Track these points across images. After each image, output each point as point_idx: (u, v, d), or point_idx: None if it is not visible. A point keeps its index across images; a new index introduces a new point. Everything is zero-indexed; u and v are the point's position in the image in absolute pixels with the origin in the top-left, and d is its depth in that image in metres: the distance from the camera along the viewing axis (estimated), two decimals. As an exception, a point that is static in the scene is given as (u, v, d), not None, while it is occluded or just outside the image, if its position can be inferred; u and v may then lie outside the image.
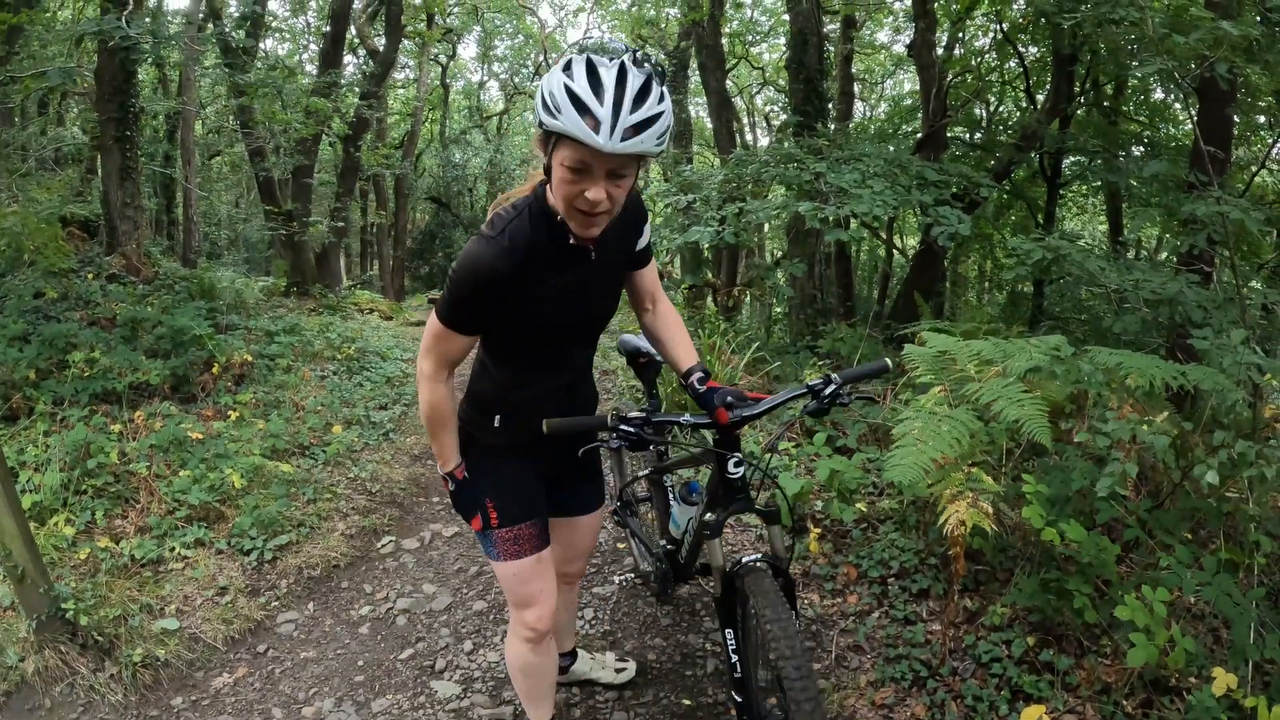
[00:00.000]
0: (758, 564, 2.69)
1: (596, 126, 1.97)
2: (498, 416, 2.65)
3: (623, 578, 4.77)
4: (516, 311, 2.37)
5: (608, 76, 1.99)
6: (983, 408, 3.48)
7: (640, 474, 4.28)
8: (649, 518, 4.35)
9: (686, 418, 2.57)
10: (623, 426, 2.44)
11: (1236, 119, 8.98)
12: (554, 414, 2.47)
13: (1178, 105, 9.40)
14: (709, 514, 2.86)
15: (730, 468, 2.64)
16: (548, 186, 2.28)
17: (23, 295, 7.37)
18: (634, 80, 1.99)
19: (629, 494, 4.48)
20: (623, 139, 1.97)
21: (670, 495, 3.80)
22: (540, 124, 2.11)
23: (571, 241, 2.33)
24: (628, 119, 1.96)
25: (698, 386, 2.63)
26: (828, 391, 2.63)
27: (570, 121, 1.99)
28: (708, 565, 2.89)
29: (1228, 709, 2.81)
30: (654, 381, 3.62)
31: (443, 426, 2.63)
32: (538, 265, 2.32)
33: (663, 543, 3.77)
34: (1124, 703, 3.19)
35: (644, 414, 2.48)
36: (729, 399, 2.53)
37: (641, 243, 2.65)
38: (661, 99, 2.05)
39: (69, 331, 6.77)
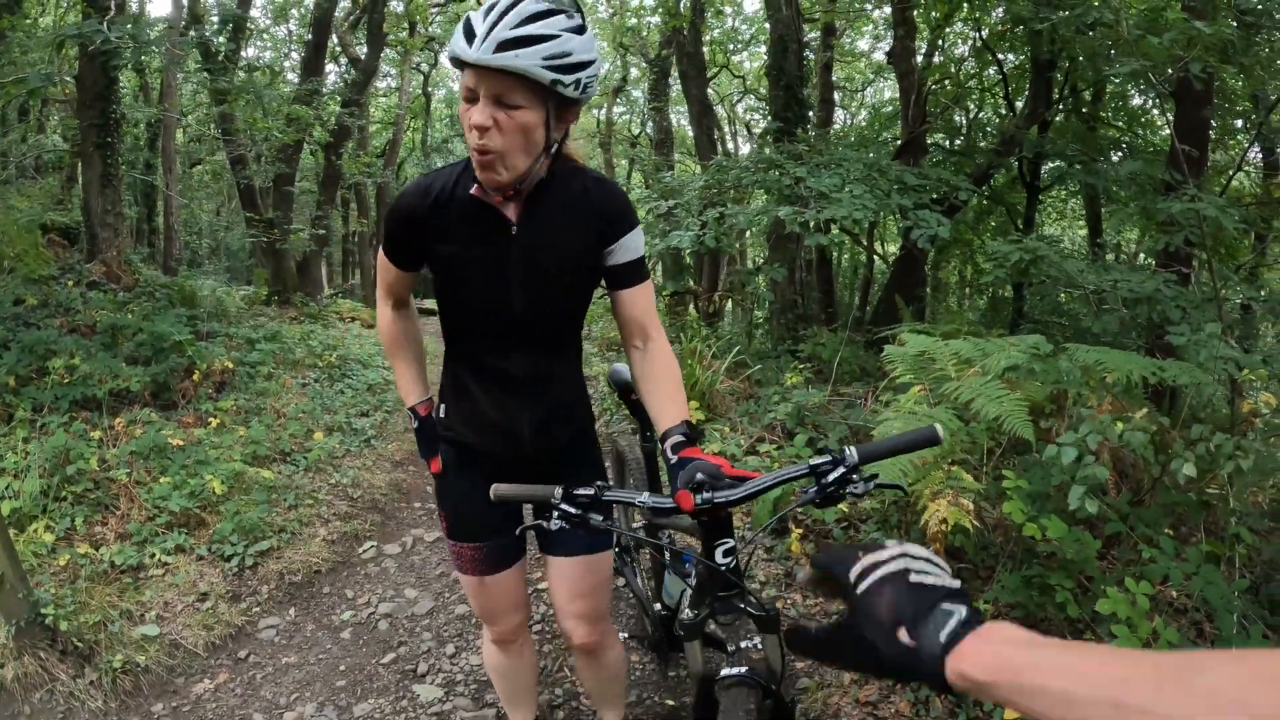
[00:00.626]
0: (744, 678, 2.18)
1: (472, 39, 1.87)
2: (443, 405, 2.51)
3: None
4: (438, 270, 2.28)
5: (502, 3, 1.89)
6: (962, 406, 3.50)
7: (631, 529, 3.87)
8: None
9: (645, 498, 1.99)
10: (564, 506, 1.95)
11: (1214, 122, 9.08)
12: (495, 421, 2.37)
13: (1155, 110, 9.47)
14: (688, 610, 2.24)
15: (718, 556, 2.03)
16: None
17: (2, 302, 7.33)
18: (528, 6, 1.87)
19: (628, 541, 3.88)
20: (494, 50, 1.83)
21: (665, 558, 3.26)
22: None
23: (483, 196, 2.14)
24: (505, 32, 1.83)
25: (670, 455, 2.12)
26: (833, 476, 1.87)
27: (454, 42, 1.91)
28: (711, 637, 2.41)
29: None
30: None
31: (393, 355, 2.58)
32: (451, 217, 2.19)
33: (657, 606, 3.34)
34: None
35: (595, 491, 1.98)
36: (699, 477, 1.94)
37: (619, 254, 2.28)
38: (558, 26, 1.89)
39: (49, 338, 6.74)
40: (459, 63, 1.91)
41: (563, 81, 1.89)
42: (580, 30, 1.92)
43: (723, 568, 2.03)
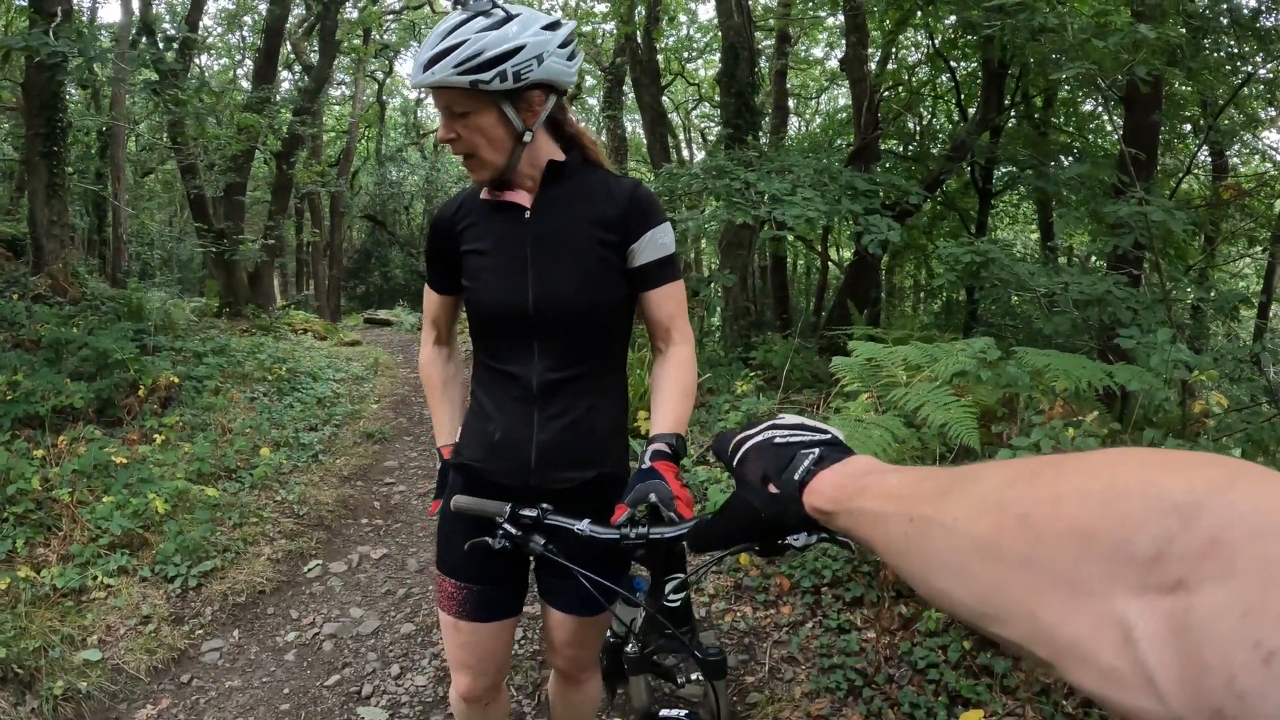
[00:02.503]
0: None
1: (420, 67, 2.02)
2: (461, 428, 2.40)
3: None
4: (465, 276, 2.25)
5: (436, 28, 2.03)
6: (911, 413, 3.48)
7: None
8: None
9: (584, 525, 1.89)
10: (506, 525, 1.94)
11: (1163, 126, 9.19)
12: (500, 442, 2.22)
13: (1105, 116, 9.59)
14: (632, 644, 2.14)
15: (667, 590, 1.94)
16: None
17: (-57, 317, 7.18)
18: (448, 21, 2.00)
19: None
20: (423, 71, 1.98)
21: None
22: None
23: (484, 196, 2.23)
24: (427, 53, 1.98)
25: (645, 461, 2.05)
26: None
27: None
28: (660, 666, 2.42)
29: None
30: None
31: (429, 393, 2.54)
32: (476, 214, 2.25)
33: (607, 634, 2.99)
34: (1063, 703, 3.21)
35: (538, 513, 1.94)
36: (651, 498, 1.91)
37: (643, 252, 2.19)
38: (471, 30, 1.96)
39: (-10, 354, 6.60)
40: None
41: (482, 80, 1.94)
42: (498, 25, 1.96)
43: (671, 605, 1.94)
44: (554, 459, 2.20)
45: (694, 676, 2.27)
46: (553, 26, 2.05)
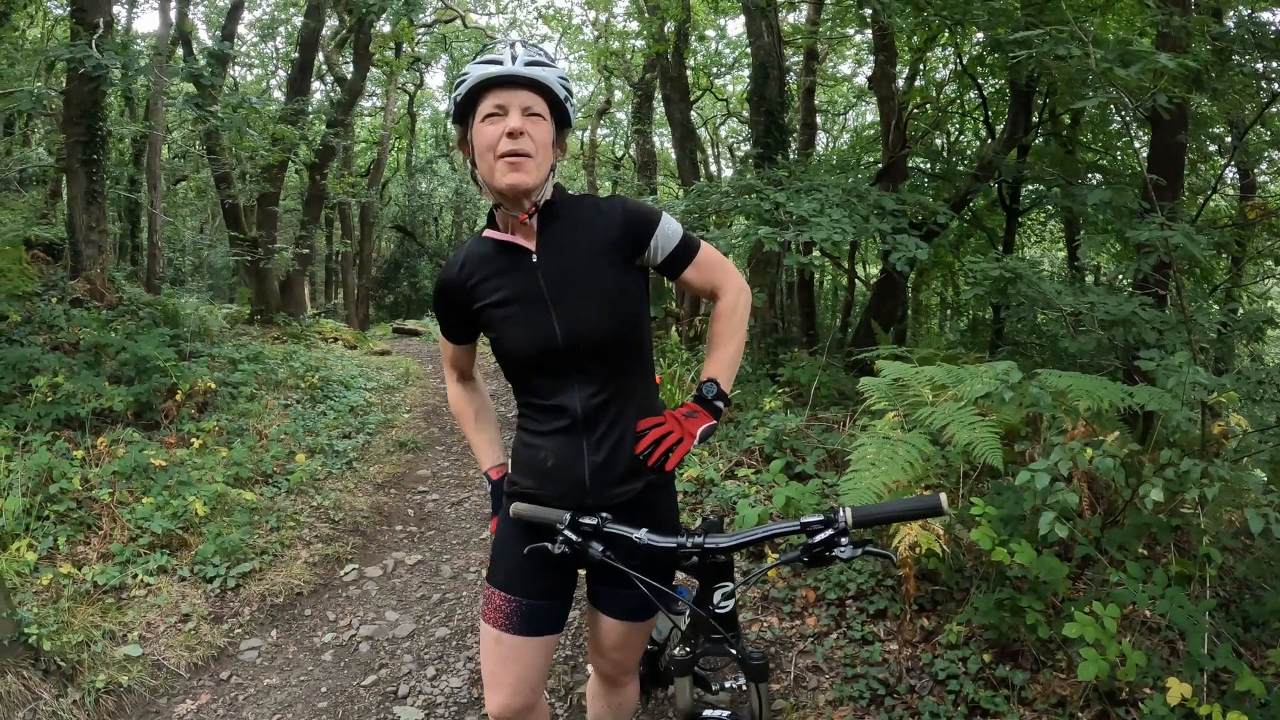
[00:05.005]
0: None
1: (501, 64, 2.14)
2: (511, 459, 2.48)
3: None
4: (487, 328, 2.35)
5: (517, 41, 2.20)
6: (936, 432, 3.56)
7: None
8: None
9: (642, 534, 2.03)
10: (566, 532, 2.05)
11: (1191, 144, 9.20)
12: (554, 468, 2.29)
13: (1131, 135, 9.61)
14: (680, 647, 2.30)
15: (716, 598, 2.09)
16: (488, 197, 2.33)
17: (-15, 318, 7.34)
18: (522, 48, 2.18)
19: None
20: (525, 64, 2.13)
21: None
22: (455, 121, 2.27)
23: (498, 235, 2.29)
24: (530, 55, 2.15)
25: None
26: (820, 537, 1.90)
27: (477, 69, 2.15)
28: (696, 675, 2.51)
29: (1183, 718, 2.88)
30: None
31: (463, 425, 2.68)
32: (484, 271, 2.31)
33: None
34: (1079, 715, 3.27)
35: (598, 521, 2.07)
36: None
37: (659, 250, 2.31)
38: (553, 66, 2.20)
39: (32, 355, 6.75)
40: (483, 87, 2.15)
41: (570, 99, 2.23)
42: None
43: (718, 611, 2.08)
44: (606, 477, 2.28)
45: (726, 684, 2.35)
46: None
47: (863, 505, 1.98)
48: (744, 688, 2.25)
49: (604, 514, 2.08)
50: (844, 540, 1.87)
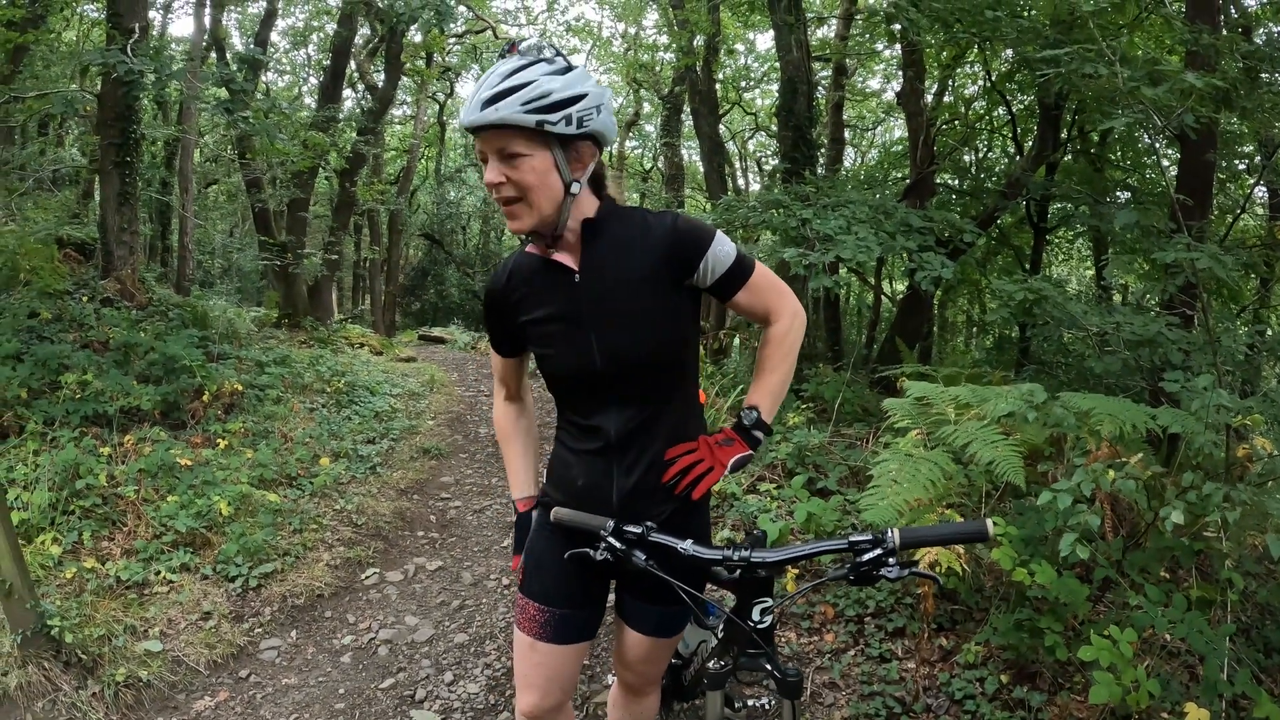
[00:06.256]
0: None
1: (469, 108, 2.02)
2: (547, 469, 2.48)
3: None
4: (530, 342, 2.33)
5: (490, 71, 2.03)
6: (959, 450, 3.55)
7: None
8: None
9: (687, 545, 2.05)
10: (609, 539, 2.05)
11: (1221, 163, 9.14)
12: (584, 488, 2.29)
13: (1160, 153, 9.56)
14: (714, 660, 2.29)
15: (755, 613, 2.08)
16: None
17: (17, 314, 7.40)
18: (507, 64, 2.01)
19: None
20: (480, 109, 1.97)
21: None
22: None
23: (538, 251, 2.23)
24: (486, 92, 1.97)
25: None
26: (868, 556, 1.91)
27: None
28: None
29: (1199, 744, 2.86)
30: None
31: (503, 445, 2.62)
32: (526, 285, 2.27)
33: None
34: (1094, 738, 3.25)
35: (642, 530, 2.08)
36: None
37: (710, 271, 2.21)
38: (537, 72, 1.99)
39: (62, 353, 6.82)
40: (470, 131, 2.04)
41: (548, 120, 1.96)
42: (563, 71, 2.01)
43: (758, 626, 2.07)
44: (635, 500, 2.26)
45: (749, 702, 2.34)
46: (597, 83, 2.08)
47: (910, 527, 1.96)
48: (765, 707, 2.25)
49: (649, 523, 2.08)
50: (891, 560, 1.88)
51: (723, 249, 2.21)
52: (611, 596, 2.45)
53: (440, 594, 5.36)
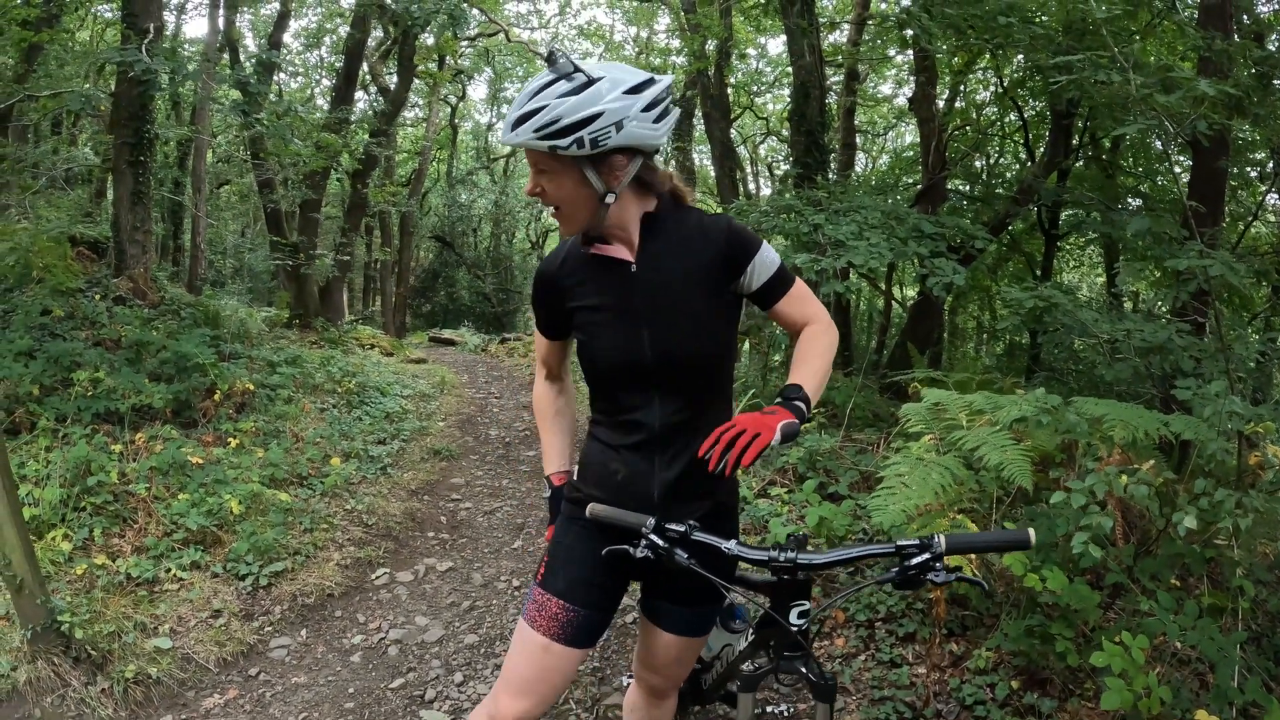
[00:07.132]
0: None
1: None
2: (578, 466, 2.47)
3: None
4: (577, 329, 2.33)
5: (525, 87, 2.06)
6: (969, 454, 3.55)
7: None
8: None
9: (731, 545, 2.05)
10: (651, 536, 2.03)
11: (1233, 169, 9.11)
12: (624, 480, 2.28)
13: (1172, 160, 9.54)
14: (747, 663, 2.32)
15: (793, 616, 2.04)
16: None
17: (30, 311, 7.43)
18: (535, 81, 2.03)
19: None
20: (510, 130, 2.03)
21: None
22: None
23: (595, 248, 2.24)
24: (514, 113, 2.02)
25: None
26: (916, 561, 1.91)
27: None
28: (733, 696, 2.49)
29: (1209, 751, 2.85)
30: None
31: (541, 423, 2.64)
32: (580, 271, 2.28)
33: None
34: (1105, 745, 3.24)
35: (685, 529, 2.06)
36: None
37: (755, 277, 2.25)
38: (552, 95, 1.98)
39: (74, 350, 6.84)
40: None
41: (559, 145, 1.98)
42: (578, 90, 1.98)
43: (796, 628, 2.04)
44: (676, 495, 2.26)
45: (769, 709, 2.34)
46: (640, 88, 2.03)
47: (955, 534, 2.00)
48: (785, 714, 2.24)
49: (692, 521, 2.08)
50: (938, 565, 1.89)
51: (769, 256, 2.27)
52: (626, 600, 2.44)
53: (450, 595, 5.36)
